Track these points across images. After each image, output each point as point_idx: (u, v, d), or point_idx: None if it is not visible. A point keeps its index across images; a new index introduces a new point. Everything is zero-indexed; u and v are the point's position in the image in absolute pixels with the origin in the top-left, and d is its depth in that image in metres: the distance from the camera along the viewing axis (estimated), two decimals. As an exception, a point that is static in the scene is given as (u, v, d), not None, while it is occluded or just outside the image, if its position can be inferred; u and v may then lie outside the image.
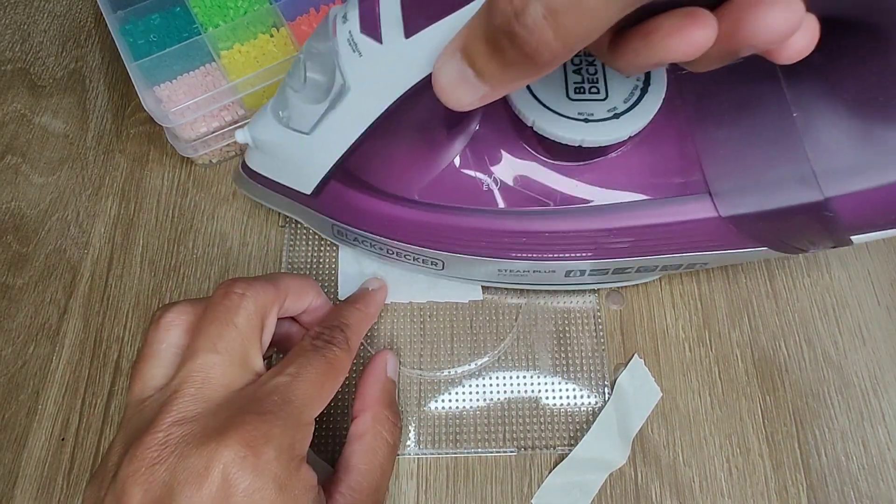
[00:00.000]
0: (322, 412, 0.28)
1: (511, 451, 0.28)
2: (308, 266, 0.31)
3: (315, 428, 0.27)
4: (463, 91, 0.17)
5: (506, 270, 0.27)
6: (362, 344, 0.29)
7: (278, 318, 0.24)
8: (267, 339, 0.23)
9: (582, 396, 0.28)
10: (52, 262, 0.32)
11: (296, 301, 0.25)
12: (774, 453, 0.27)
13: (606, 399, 0.28)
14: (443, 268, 0.28)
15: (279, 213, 0.32)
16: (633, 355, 0.29)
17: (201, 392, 0.20)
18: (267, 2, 0.32)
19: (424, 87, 0.18)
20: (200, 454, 0.18)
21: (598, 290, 0.30)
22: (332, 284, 0.31)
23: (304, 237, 0.32)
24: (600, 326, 0.30)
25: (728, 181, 0.22)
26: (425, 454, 0.28)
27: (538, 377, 0.29)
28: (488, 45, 0.15)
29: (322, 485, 0.22)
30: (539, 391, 0.29)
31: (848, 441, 0.27)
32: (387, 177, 0.24)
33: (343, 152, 0.23)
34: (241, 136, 0.25)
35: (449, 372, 0.29)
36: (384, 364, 0.27)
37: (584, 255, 0.25)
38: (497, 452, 0.28)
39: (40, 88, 0.36)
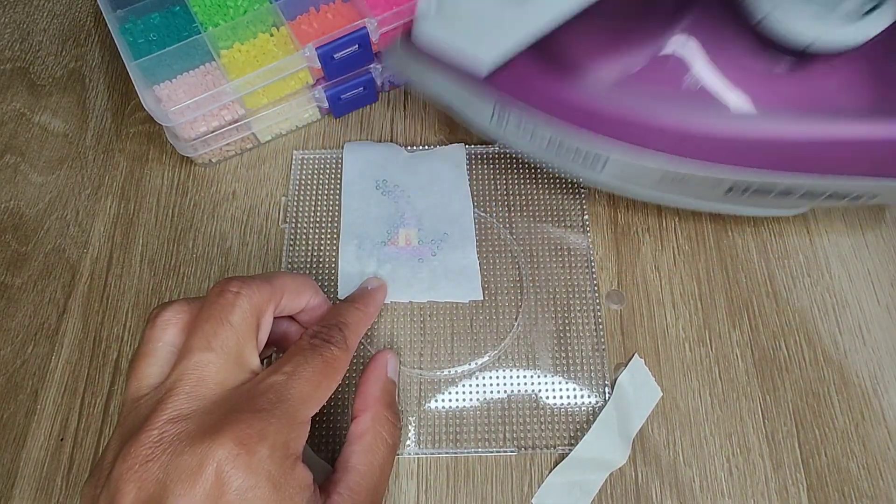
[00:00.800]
0: (322, 411, 0.28)
1: (511, 451, 0.28)
2: (308, 266, 0.31)
3: (315, 427, 0.28)
4: None
5: (669, 175, 0.25)
6: (362, 343, 0.29)
7: (276, 318, 0.24)
8: (263, 337, 0.23)
9: (582, 396, 0.28)
10: (51, 261, 0.32)
11: (293, 300, 0.25)
12: (774, 453, 0.27)
13: (606, 399, 0.28)
14: (603, 168, 0.26)
15: (280, 213, 0.32)
16: (633, 355, 0.29)
17: (196, 390, 0.20)
18: (267, 1, 0.32)
19: None
20: (194, 452, 0.18)
21: (599, 287, 0.30)
22: (332, 284, 0.31)
23: (304, 237, 0.32)
24: (601, 326, 0.30)
25: None
26: (425, 454, 0.28)
27: (538, 377, 0.29)
28: None
29: (320, 485, 0.22)
30: (539, 391, 0.29)
31: (848, 441, 0.27)
32: (587, 54, 0.23)
33: (553, 24, 0.21)
34: (424, 3, 0.23)
35: (449, 371, 0.29)
36: (385, 364, 0.27)
37: (766, 165, 0.23)
38: (497, 452, 0.28)
39: (40, 87, 0.36)
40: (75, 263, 0.31)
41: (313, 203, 0.33)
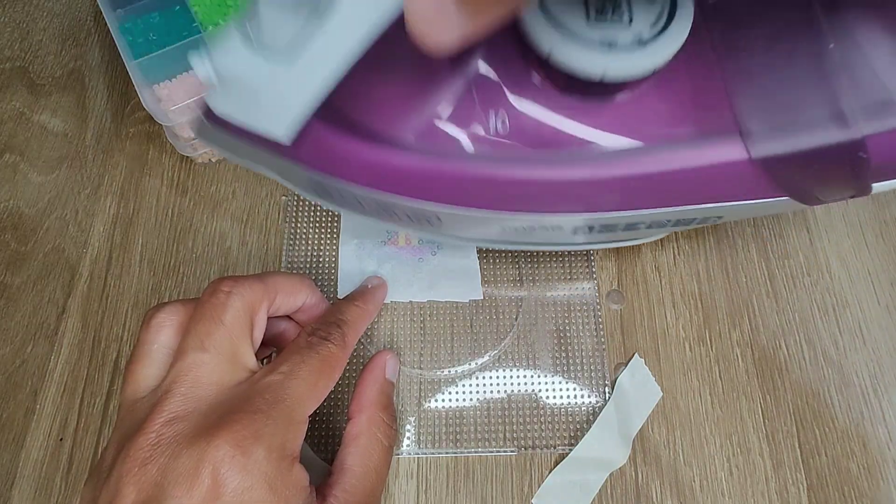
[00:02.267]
0: (321, 411, 0.28)
1: (511, 451, 0.27)
2: (308, 265, 0.31)
3: (314, 427, 0.28)
4: (442, 28, 0.15)
5: (509, 228, 0.24)
6: (362, 343, 0.29)
7: (274, 318, 0.24)
8: (258, 335, 0.23)
9: (582, 396, 0.28)
10: (50, 261, 0.31)
11: (288, 298, 0.25)
12: (775, 453, 0.27)
13: (606, 399, 0.28)
14: (440, 226, 0.25)
15: (279, 213, 0.32)
16: (633, 355, 0.29)
17: (192, 391, 0.20)
18: (267, 0, 0.32)
19: None
20: (190, 454, 0.18)
21: (599, 286, 0.30)
22: (332, 284, 0.31)
23: (304, 237, 0.32)
24: (601, 326, 0.30)
25: (761, 119, 0.20)
26: (425, 454, 0.28)
27: (538, 377, 0.29)
28: None
29: (317, 486, 0.22)
30: (539, 391, 0.28)
31: (848, 441, 0.27)
32: (380, 115, 0.21)
33: (331, 81, 0.19)
34: (202, 70, 0.20)
35: (449, 371, 0.29)
36: (384, 365, 0.27)
37: (595, 208, 0.23)
38: (497, 452, 0.27)
39: (39, 87, 0.36)
40: (75, 263, 0.31)
41: (313, 203, 0.33)
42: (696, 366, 0.29)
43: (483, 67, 0.21)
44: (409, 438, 0.28)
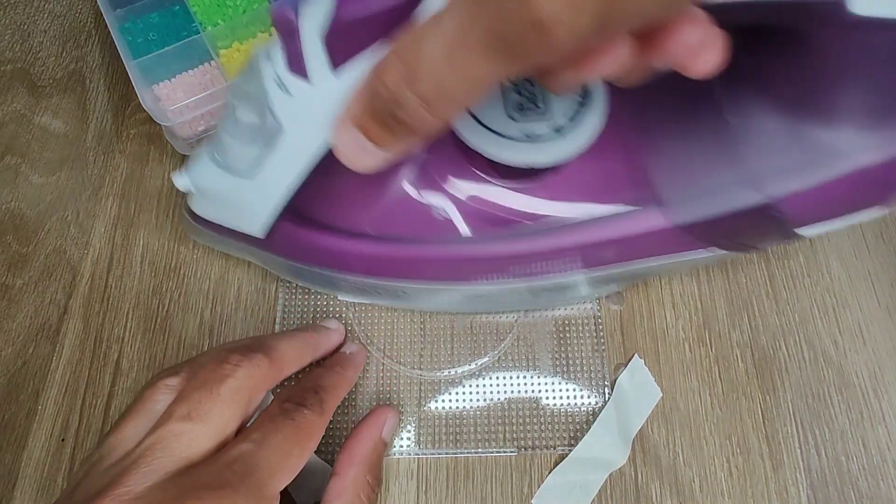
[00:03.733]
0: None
1: (511, 452, 0.28)
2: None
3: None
4: (363, 157, 0.18)
5: (469, 295, 0.27)
6: (362, 344, 0.29)
7: None
8: (252, 412, 0.22)
9: (582, 396, 0.28)
10: (51, 262, 0.32)
11: (293, 368, 0.24)
12: (774, 453, 0.27)
13: (606, 399, 0.28)
14: (407, 297, 0.27)
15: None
16: (633, 355, 0.29)
17: (159, 463, 0.19)
18: (266, 1, 0.32)
19: None
20: None
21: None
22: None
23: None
24: (600, 326, 0.30)
25: (675, 190, 0.22)
26: (425, 454, 0.28)
27: (538, 377, 0.29)
28: (376, 120, 0.16)
29: None
30: (539, 391, 0.29)
31: (848, 441, 0.27)
32: (336, 212, 0.24)
33: (287, 193, 0.22)
34: (181, 183, 0.24)
35: (449, 372, 0.29)
36: (382, 424, 0.26)
37: (543, 272, 0.25)
38: (497, 453, 0.28)
39: (40, 88, 0.36)
40: (76, 264, 0.32)
41: None
42: (696, 366, 0.29)
43: (427, 161, 0.23)
44: (409, 439, 0.28)
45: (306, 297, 0.31)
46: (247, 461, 0.19)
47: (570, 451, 0.27)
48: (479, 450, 0.28)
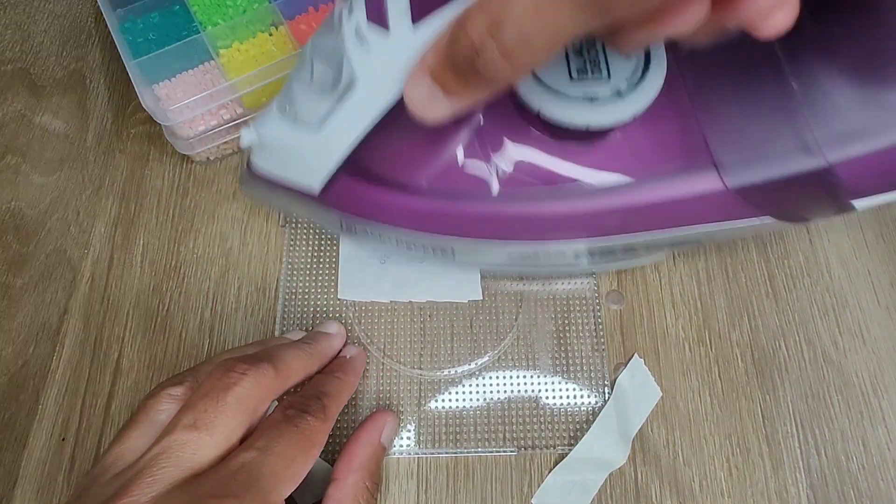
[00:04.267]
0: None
1: (511, 451, 0.28)
2: (308, 265, 0.31)
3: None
4: (434, 108, 0.18)
5: (515, 254, 0.27)
6: (362, 343, 0.29)
7: None
8: (256, 422, 0.22)
9: (582, 396, 0.28)
10: (52, 262, 0.32)
11: (298, 378, 0.24)
12: (774, 453, 0.27)
13: (606, 399, 0.28)
14: (453, 255, 0.27)
15: (280, 213, 0.32)
16: (633, 355, 0.29)
17: (162, 472, 0.19)
18: (266, 0, 0.32)
19: None
20: None
21: (599, 287, 0.30)
22: (332, 283, 0.31)
23: (305, 237, 0.32)
24: (600, 326, 0.30)
25: (733, 153, 0.22)
26: (425, 454, 0.28)
27: (538, 377, 0.29)
28: (453, 70, 0.17)
29: None
30: (539, 391, 0.29)
31: (848, 441, 0.27)
32: (396, 167, 0.24)
33: (352, 145, 0.23)
34: (247, 136, 0.25)
35: (449, 372, 0.29)
36: (381, 428, 0.26)
37: (592, 234, 0.25)
38: (497, 452, 0.28)
39: (40, 88, 0.36)
40: (76, 264, 0.32)
41: None
42: (696, 366, 0.29)
43: (485, 121, 0.24)
44: (409, 438, 0.28)
45: (306, 297, 0.31)
46: (251, 470, 0.19)
47: (570, 450, 0.27)
48: (479, 449, 0.28)
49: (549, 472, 0.27)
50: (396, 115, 0.21)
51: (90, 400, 0.29)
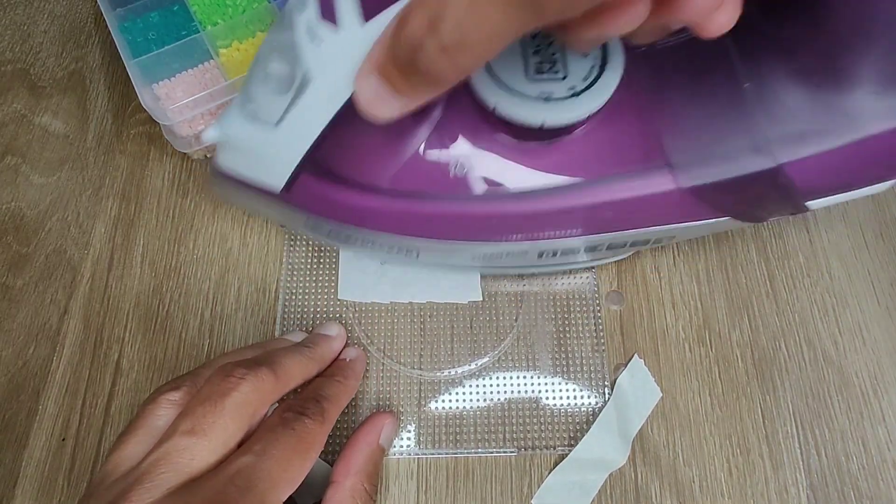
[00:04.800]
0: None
1: (511, 452, 0.28)
2: (308, 266, 0.31)
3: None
4: (382, 106, 0.18)
5: (479, 255, 0.27)
6: (362, 343, 0.29)
7: None
8: (255, 426, 0.22)
9: (582, 396, 0.28)
10: (52, 262, 0.32)
11: (297, 382, 0.24)
12: (774, 453, 0.27)
13: (606, 399, 0.28)
14: (417, 255, 0.27)
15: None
16: (633, 355, 0.29)
17: (161, 479, 0.19)
18: (265, 0, 0.32)
19: None
20: None
21: (599, 287, 0.30)
22: (332, 285, 0.31)
23: (305, 238, 0.32)
24: (600, 326, 0.30)
25: (686, 153, 0.23)
26: (425, 454, 0.28)
27: (538, 377, 0.29)
28: (397, 67, 0.17)
29: None
30: (539, 391, 0.29)
31: (848, 441, 0.27)
32: (356, 165, 0.24)
33: (311, 142, 0.23)
34: (211, 133, 0.25)
35: (449, 372, 0.29)
36: (379, 430, 0.26)
37: (552, 234, 0.25)
38: (497, 453, 0.28)
39: (40, 89, 0.36)
40: (76, 264, 0.32)
41: None
42: (696, 366, 0.29)
43: (442, 118, 0.24)
44: (409, 439, 0.28)
45: (306, 297, 0.31)
46: (248, 474, 0.19)
47: (570, 451, 0.27)
48: (480, 450, 0.28)
49: (549, 473, 0.27)
50: (353, 112, 0.21)
51: (90, 400, 0.29)
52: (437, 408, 0.28)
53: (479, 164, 0.24)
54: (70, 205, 0.33)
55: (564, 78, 0.22)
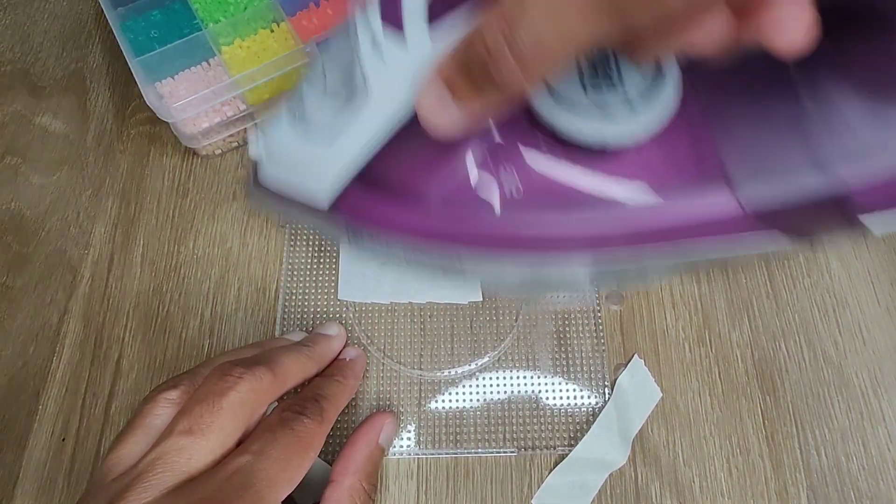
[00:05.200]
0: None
1: (511, 452, 0.28)
2: (308, 266, 0.31)
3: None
4: (445, 116, 0.18)
5: (528, 273, 0.26)
6: (362, 344, 0.29)
7: None
8: (254, 425, 0.22)
9: (582, 396, 0.28)
10: (52, 262, 0.32)
11: (296, 383, 0.24)
12: (774, 453, 0.27)
13: (606, 399, 0.28)
14: (463, 273, 0.27)
15: (280, 214, 0.32)
16: (633, 355, 0.29)
17: (158, 478, 0.19)
18: (266, -1, 0.32)
19: None
20: None
21: (599, 288, 0.30)
22: (333, 285, 0.31)
23: (305, 238, 0.32)
24: (601, 326, 0.30)
25: (745, 169, 0.23)
26: (425, 454, 0.28)
27: (538, 377, 0.29)
28: (466, 75, 0.16)
29: None
30: (539, 391, 0.29)
31: (848, 441, 0.27)
32: (409, 180, 0.24)
33: (363, 158, 0.22)
34: (254, 150, 0.25)
35: (449, 372, 0.29)
36: (379, 430, 0.26)
37: (604, 251, 0.25)
38: (497, 453, 0.28)
39: (40, 89, 0.36)
40: (76, 265, 0.32)
41: None
42: (696, 367, 0.29)
43: (498, 137, 0.23)
44: (409, 439, 0.28)
45: (306, 298, 0.31)
46: (245, 474, 0.19)
47: (570, 451, 0.27)
48: (480, 450, 0.28)
49: (550, 473, 0.27)
50: (411, 127, 0.20)
51: (90, 400, 0.29)
52: (437, 408, 0.28)
53: (535, 180, 0.24)
54: (70, 205, 0.33)
55: (624, 94, 0.22)
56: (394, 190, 0.24)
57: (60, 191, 0.33)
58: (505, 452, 0.28)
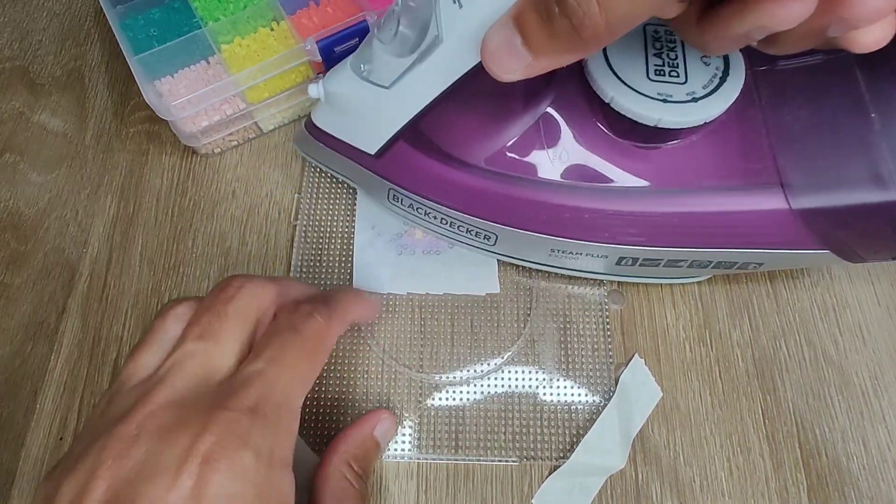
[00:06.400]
0: (321, 409, 0.28)
1: (513, 461, 0.27)
2: (308, 267, 0.31)
3: (313, 426, 0.28)
4: (509, 59, 0.17)
5: (557, 251, 0.27)
6: (363, 338, 0.29)
7: None
8: (260, 333, 0.22)
9: (583, 396, 0.28)
10: (50, 260, 0.31)
11: (300, 291, 0.24)
12: (775, 453, 0.27)
13: (607, 399, 0.28)
14: (495, 242, 0.27)
15: (280, 214, 0.32)
16: (633, 355, 0.29)
17: (181, 382, 0.20)
18: (266, -3, 0.32)
19: None
20: (172, 451, 0.17)
21: (601, 287, 0.30)
22: (346, 280, 0.31)
23: (305, 238, 0.32)
24: (601, 326, 0.30)
25: (802, 174, 0.22)
26: (425, 458, 0.27)
27: (539, 377, 0.29)
28: (539, 13, 0.16)
29: None
30: (540, 391, 0.28)
31: (848, 441, 0.27)
32: (457, 140, 0.24)
33: (420, 109, 0.23)
34: (315, 90, 0.25)
35: (449, 374, 0.29)
36: (374, 423, 0.26)
37: (641, 239, 0.25)
38: (498, 461, 0.27)
39: (39, 87, 0.36)
40: (74, 263, 0.31)
41: (328, 197, 0.33)
42: (697, 366, 0.29)
43: (551, 107, 0.24)
44: (409, 443, 0.28)
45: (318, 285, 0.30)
46: (261, 382, 0.20)
47: (571, 452, 0.27)
48: (480, 458, 0.27)
49: (550, 474, 0.27)
50: (470, 85, 0.21)
51: (88, 399, 0.29)
52: (437, 410, 0.28)
53: (582, 157, 0.24)
54: (69, 203, 0.33)
55: (684, 83, 0.22)
56: (439, 149, 0.24)
57: (59, 189, 0.33)
58: (506, 461, 0.27)
